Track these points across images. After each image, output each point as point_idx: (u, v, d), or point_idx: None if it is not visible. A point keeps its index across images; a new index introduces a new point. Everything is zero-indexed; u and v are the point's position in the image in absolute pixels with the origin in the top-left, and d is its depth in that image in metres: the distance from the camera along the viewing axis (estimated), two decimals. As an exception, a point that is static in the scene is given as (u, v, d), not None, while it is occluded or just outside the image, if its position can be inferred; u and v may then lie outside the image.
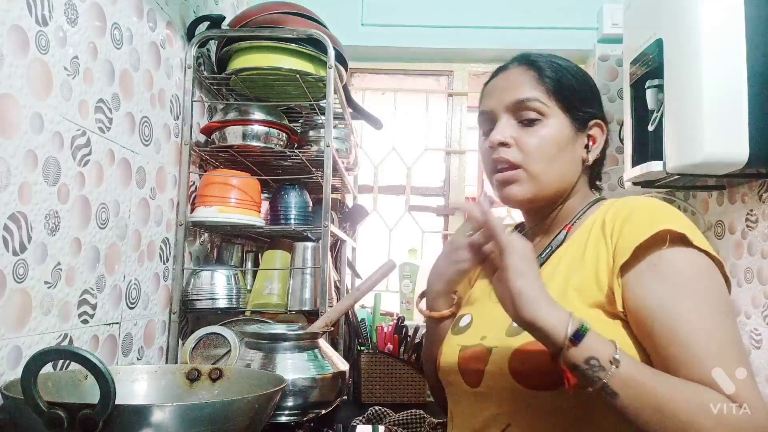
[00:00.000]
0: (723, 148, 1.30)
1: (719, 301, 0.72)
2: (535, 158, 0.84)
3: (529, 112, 0.84)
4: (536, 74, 0.86)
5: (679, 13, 1.37)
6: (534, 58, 0.89)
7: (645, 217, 0.76)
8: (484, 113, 0.89)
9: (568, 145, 0.86)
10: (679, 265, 0.73)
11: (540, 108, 0.84)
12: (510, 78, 0.88)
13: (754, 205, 1.48)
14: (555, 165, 0.85)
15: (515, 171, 0.84)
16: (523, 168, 0.84)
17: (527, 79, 0.86)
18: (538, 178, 0.84)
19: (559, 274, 0.82)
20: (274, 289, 1.54)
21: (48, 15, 0.92)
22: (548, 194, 0.86)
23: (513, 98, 0.85)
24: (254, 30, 1.44)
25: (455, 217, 2.24)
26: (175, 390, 0.88)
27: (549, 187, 0.86)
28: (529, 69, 0.87)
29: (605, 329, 0.73)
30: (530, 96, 0.85)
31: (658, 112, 1.46)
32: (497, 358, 0.80)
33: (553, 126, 0.85)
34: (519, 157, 0.84)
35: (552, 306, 0.67)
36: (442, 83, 2.34)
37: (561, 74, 0.87)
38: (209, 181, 1.48)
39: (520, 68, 0.89)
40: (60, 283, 0.97)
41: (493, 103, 0.88)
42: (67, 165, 0.98)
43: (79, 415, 0.57)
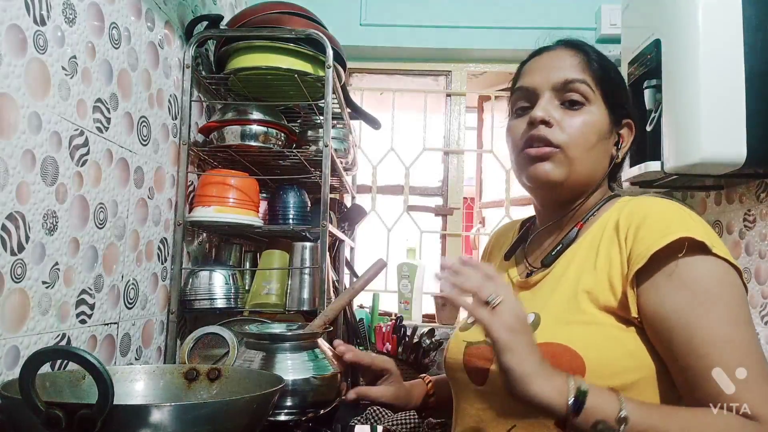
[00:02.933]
0: (721, 148, 1.30)
1: (738, 310, 0.69)
2: (576, 142, 0.80)
3: (575, 95, 0.81)
4: (585, 59, 0.84)
5: (677, 13, 1.37)
6: (579, 43, 0.87)
7: (662, 223, 0.73)
8: (523, 89, 0.85)
9: (605, 138, 0.83)
10: (697, 274, 0.70)
11: (587, 93, 0.81)
12: (557, 58, 0.85)
13: (752, 205, 1.48)
14: (591, 154, 0.82)
15: (553, 149, 0.80)
16: (562, 149, 0.80)
17: (576, 62, 0.83)
18: (573, 163, 0.81)
19: (570, 274, 0.80)
20: (273, 289, 1.54)
21: (46, 15, 0.92)
22: (578, 183, 0.83)
23: (561, 78, 0.82)
24: (253, 30, 1.44)
25: (453, 217, 2.24)
26: (174, 390, 0.87)
27: (581, 176, 0.82)
28: (577, 53, 0.85)
29: (618, 335, 0.72)
30: (580, 78, 0.82)
31: (656, 112, 1.47)
32: None
33: (596, 114, 0.82)
34: (561, 137, 0.80)
35: (544, 377, 0.65)
36: (441, 83, 2.34)
37: (606, 65, 0.85)
38: (207, 181, 1.48)
39: (567, 50, 0.85)
40: (58, 283, 0.97)
41: (537, 80, 0.84)
42: (65, 165, 0.98)
43: (77, 415, 0.57)
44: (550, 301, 0.80)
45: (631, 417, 0.63)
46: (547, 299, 0.81)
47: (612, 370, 0.71)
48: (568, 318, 0.76)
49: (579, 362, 0.72)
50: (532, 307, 0.81)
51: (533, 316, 0.79)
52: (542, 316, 0.79)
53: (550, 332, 0.76)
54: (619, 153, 0.86)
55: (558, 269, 0.83)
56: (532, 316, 0.79)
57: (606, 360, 0.72)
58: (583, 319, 0.75)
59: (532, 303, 0.82)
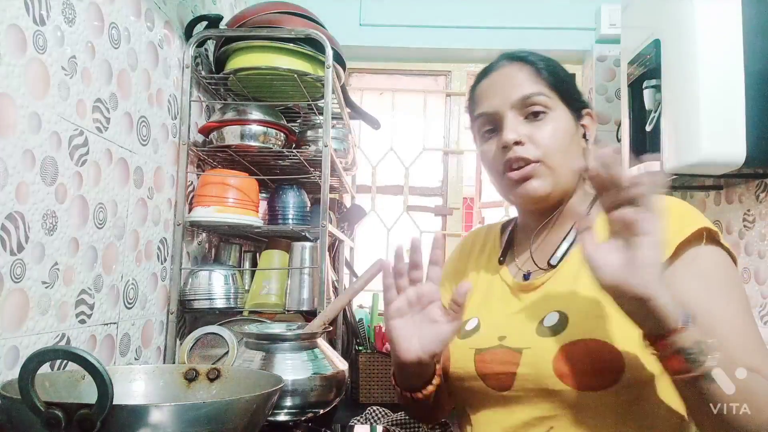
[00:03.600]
0: (720, 149, 1.30)
1: (744, 297, 0.75)
2: (552, 151, 0.83)
3: (536, 107, 0.84)
4: (533, 69, 0.86)
5: (677, 13, 1.38)
6: (522, 54, 0.89)
7: (679, 215, 0.77)
8: (485, 115, 0.87)
9: (574, 136, 0.86)
10: (714, 263, 0.75)
11: (545, 102, 0.84)
12: (507, 76, 0.87)
13: (751, 205, 1.48)
14: (568, 156, 0.84)
15: (534, 165, 0.82)
16: (541, 162, 0.83)
17: (526, 76, 0.86)
18: (556, 171, 0.83)
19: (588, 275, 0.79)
20: (272, 289, 1.54)
21: (46, 14, 0.92)
22: (564, 187, 0.85)
23: (518, 95, 0.84)
24: (252, 30, 1.44)
25: (453, 218, 2.24)
26: (173, 390, 0.87)
27: (565, 180, 0.85)
28: (523, 65, 0.87)
29: None
30: (535, 91, 0.84)
31: (655, 113, 1.47)
32: (535, 360, 0.76)
33: (559, 118, 0.85)
34: (536, 152, 0.82)
35: (666, 288, 0.63)
36: (440, 83, 2.34)
37: (553, 67, 0.88)
38: (207, 181, 1.48)
39: (513, 66, 0.88)
40: (57, 283, 0.97)
41: (495, 103, 0.86)
42: (64, 165, 0.98)
43: (76, 415, 0.57)
44: (572, 299, 0.79)
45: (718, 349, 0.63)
46: (568, 297, 0.80)
47: (645, 360, 0.72)
48: (597, 313, 0.76)
49: (617, 355, 0.72)
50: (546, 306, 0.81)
51: (557, 315, 0.78)
52: (568, 313, 0.78)
53: (582, 329, 0.75)
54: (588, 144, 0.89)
55: (568, 268, 0.83)
56: (555, 315, 0.79)
57: (640, 351, 0.72)
58: (611, 312, 0.74)
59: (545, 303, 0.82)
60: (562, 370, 0.74)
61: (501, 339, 0.81)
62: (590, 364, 0.73)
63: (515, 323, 0.82)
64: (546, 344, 0.76)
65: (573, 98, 0.87)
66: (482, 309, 0.90)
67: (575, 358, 0.74)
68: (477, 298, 0.93)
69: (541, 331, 0.78)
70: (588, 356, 0.73)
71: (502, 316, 0.86)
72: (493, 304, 0.90)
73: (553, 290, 0.83)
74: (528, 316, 0.82)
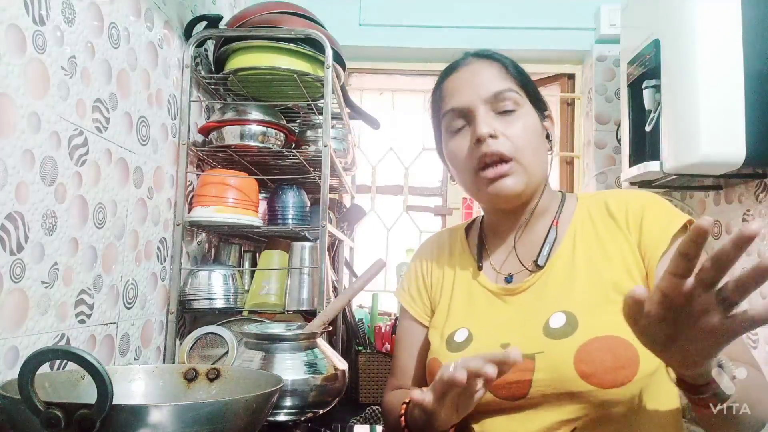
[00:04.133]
0: (720, 149, 1.30)
1: None
2: (524, 148, 0.83)
3: (507, 103, 0.84)
4: (501, 66, 0.87)
5: (677, 14, 1.38)
6: (489, 52, 0.90)
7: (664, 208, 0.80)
8: (456, 110, 0.86)
9: (541, 134, 0.87)
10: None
11: (516, 98, 0.84)
12: (477, 73, 0.87)
13: (751, 205, 1.48)
14: (538, 154, 0.85)
15: (509, 164, 0.82)
16: (515, 160, 0.82)
17: (496, 72, 0.86)
18: (528, 169, 0.83)
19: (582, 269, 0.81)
20: (272, 289, 1.54)
21: (45, 14, 0.92)
22: (534, 186, 0.86)
23: (490, 90, 0.84)
24: (252, 30, 1.44)
25: (452, 217, 2.24)
26: (173, 390, 0.87)
27: (536, 179, 0.85)
28: (492, 63, 0.87)
29: None
30: (506, 87, 0.84)
31: (655, 113, 1.47)
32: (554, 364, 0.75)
33: (528, 115, 0.85)
34: (510, 148, 0.82)
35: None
36: (440, 83, 2.34)
37: (518, 67, 0.89)
38: (207, 181, 1.48)
39: (482, 62, 0.88)
40: (57, 283, 0.97)
41: (466, 98, 0.85)
42: (64, 165, 0.98)
43: (76, 414, 0.57)
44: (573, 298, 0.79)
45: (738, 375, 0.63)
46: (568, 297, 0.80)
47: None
48: (603, 308, 0.76)
49: (633, 350, 0.73)
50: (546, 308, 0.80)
51: (563, 315, 0.77)
52: (575, 312, 0.77)
53: (593, 326, 0.75)
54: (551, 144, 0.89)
55: (557, 268, 0.83)
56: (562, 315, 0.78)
57: None
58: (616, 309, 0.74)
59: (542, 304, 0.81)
60: (585, 370, 0.73)
61: (504, 346, 0.79)
62: (612, 360, 0.72)
63: (515, 328, 0.81)
64: (561, 346, 0.75)
65: (537, 98, 0.89)
66: (469, 318, 0.88)
67: (595, 357, 0.73)
68: (460, 307, 0.90)
69: (550, 333, 0.77)
70: (608, 353, 0.73)
71: (495, 323, 0.84)
72: (479, 311, 0.87)
73: (548, 291, 0.82)
74: (528, 320, 0.81)
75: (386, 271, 2.16)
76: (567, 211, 0.89)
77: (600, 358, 0.73)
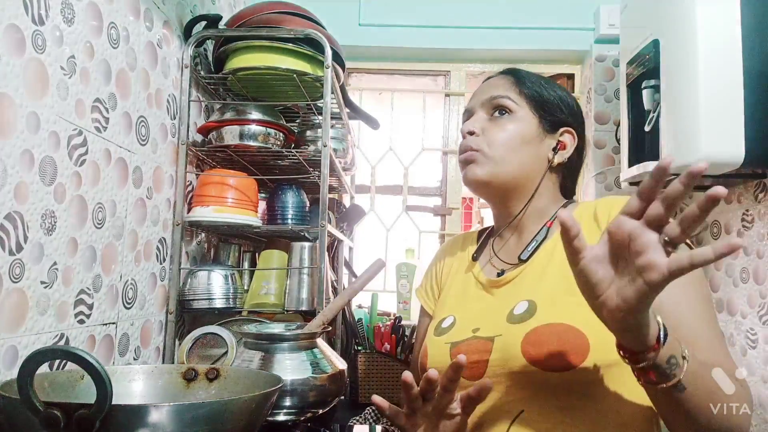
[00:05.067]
0: (719, 149, 1.30)
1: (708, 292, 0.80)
2: (495, 145, 0.94)
3: (499, 107, 0.96)
4: (513, 79, 0.99)
5: (676, 13, 1.38)
6: (517, 69, 1.02)
7: None
8: (465, 112, 1.03)
9: (533, 141, 0.95)
10: None
11: (509, 104, 0.95)
12: (491, 84, 1.01)
13: (750, 205, 1.48)
14: (516, 154, 0.93)
15: (474, 152, 0.94)
16: (482, 151, 0.94)
17: (503, 83, 0.99)
18: (494, 161, 0.93)
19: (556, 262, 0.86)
20: (271, 289, 1.54)
21: (44, 14, 0.92)
22: (507, 179, 0.94)
23: (487, 95, 0.98)
24: (251, 30, 1.44)
25: (452, 217, 2.24)
26: (172, 390, 0.87)
27: (506, 172, 0.93)
28: (508, 76, 1.00)
29: None
30: (501, 93, 0.97)
31: (654, 113, 1.47)
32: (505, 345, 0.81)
33: (520, 121, 0.95)
34: (482, 144, 0.94)
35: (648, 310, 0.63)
36: (440, 83, 2.34)
37: (537, 84, 0.98)
38: (206, 181, 1.48)
39: (503, 76, 1.01)
40: (56, 283, 0.97)
41: (472, 102, 1.01)
42: (63, 165, 0.98)
43: (75, 415, 0.57)
44: (540, 289, 0.85)
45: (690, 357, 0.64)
46: (536, 287, 0.86)
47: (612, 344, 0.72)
48: (564, 299, 0.81)
49: (583, 339, 0.77)
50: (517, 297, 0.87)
51: (526, 303, 0.84)
52: (537, 301, 0.83)
53: (549, 314, 0.80)
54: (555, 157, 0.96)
55: (537, 262, 0.89)
56: (525, 303, 0.84)
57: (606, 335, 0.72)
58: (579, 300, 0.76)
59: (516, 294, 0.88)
60: (530, 353, 0.78)
61: (475, 331, 0.87)
62: (556, 345, 0.76)
63: (489, 314, 0.88)
64: (516, 330, 0.81)
65: (548, 112, 0.96)
66: (457, 307, 0.97)
67: (542, 341, 0.78)
68: (453, 298, 1.00)
69: (512, 318, 0.83)
70: (554, 338, 0.77)
71: (475, 311, 0.92)
72: (468, 301, 0.96)
73: (523, 283, 0.89)
74: (499, 307, 0.88)
75: (385, 271, 2.16)
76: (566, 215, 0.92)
77: (547, 341, 0.77)
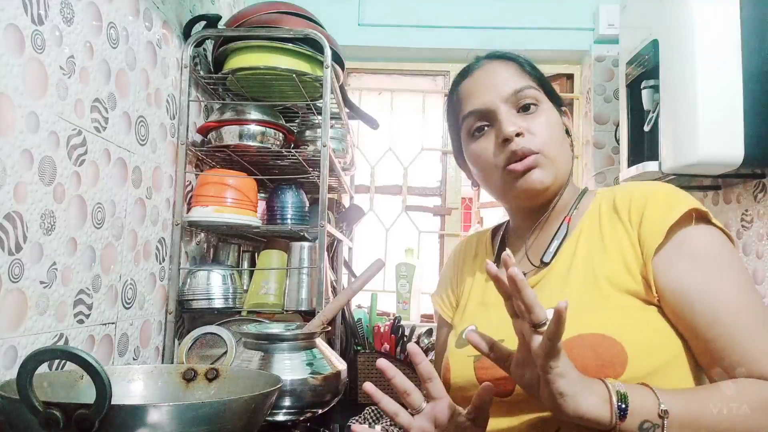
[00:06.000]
0: (718, 149, 1.30)
1: (747, 276, 0.73)
2: (550, 143, 0.83)
3: (527, 100, 0.84)
4: (517, 65, 0.87)
5: (675, 14, 1.38)
6: (503, 53, 0.90)
7: (666, 199, 0.76)
8: (477, 112, 0.86)
9: (563, 131, 0.87)
10: (706, 243, 0.74)
11: (535, 95, 0.84)
12: (494, 73, 0.87)
13: (749, 205, 1.49)
14: (563, 149, 0.85)
15: (535, 156, 0.81)
16: (542, 153, 0.82)
17: (513, 71, 0.86)
18: (555, 162, 0.83)
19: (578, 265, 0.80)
20: (271, 289, 1.54)
21: (44, 14, 0.92)
22: (561, 180, 0.85)
23: (510, 89, 0.84)
24: (251, 30, 1.44)
25: (451, 217, 2.24)
26: (172, 390, 0.87)
27: (562, 173, 0.84)
28: (507, 62, 0.87)
29: (644, 316, 0.73)
30: (525, 85, 0.84)
31: (653, 113, 1.47)
32: None
33: (550, 111, 0.86)
34: (537, 142, 0.82)
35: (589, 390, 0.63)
36: (439, 83, 2.34)
37: (532, 65, 0.89)
38: (205, 181, 1.48)
39: (497, 63, 0.88)
40: (56, 283, 0.97)
41: (487, 99, 0.85)
42: (62, 164, 0.98)
43: (75, 414, 0.57)
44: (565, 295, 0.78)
45: (671, 407, 0.63)
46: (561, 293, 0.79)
47: (650, 352, 0.71)
48: (595, 306, 0.75)
49: (619, 348, 0.71)
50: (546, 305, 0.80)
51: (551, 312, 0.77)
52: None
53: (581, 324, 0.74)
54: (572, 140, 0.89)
55: (560, 264, 0.82)
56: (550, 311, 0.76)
57: (642, 341, 0.71)
58: (610, 305, 0.74)
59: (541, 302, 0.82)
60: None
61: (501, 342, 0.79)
62: (593, 358, 0.71)
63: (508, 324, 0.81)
64: None
65: (554, 94, 0.89)
66: (478, 316, 0.89)
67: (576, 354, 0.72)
68: (473, 306, 0.92)
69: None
70: (590, 350, 0.71)
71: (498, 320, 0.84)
72: (489, 309, 0.88)
73: (547, 288, 0.82)
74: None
75: (385, 271, 2.16)
76: (582, 207, 0.87)
77: (581, 356, 0.71)
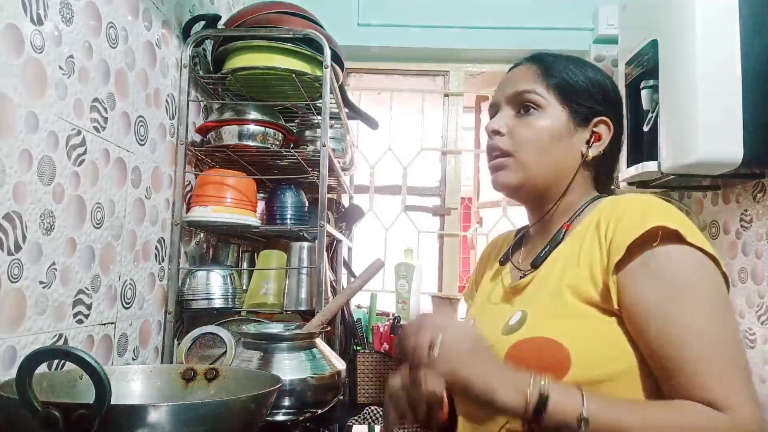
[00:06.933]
0: (718, 149, 1.30)
1: (713, 299, 0.70)
2: (526, 147, 0.85)
3: (526, 102, 0.87)
4: (539, 69, 0.89)
5: (674, 14, 1.38)
6: (542, 56, 0.92)
7: (638, 215, 0.74)
8: (491, 106, 0.93)
9: (564, 137, 0.86)
10: (671, 263, 0.71)
11: (536, 99, 0.86)
12: (516, 73, 0.92)
13: (749, 205, 1.49)
14: (548, 155, 0.85)
15: (504, 158, 0.86)
16: (513, 156, 0.86)
17: (529, 74, 0.89)
18: (526, 166, 0.85)
19: (555, 271, 0.82)
20: (270, 289, 1.54)
21: (43, 14, 0.92)
22: (540, 183, 0.86)
23: (512, 90, 0.88)
24: (250, 29, 1.44)
25: (451, 217, 2.24)
26: (171, 390, 0.87)
27: (540, 176, 0.86)
28: (533, 65, 0.90)
29: (601, 327, 0.74)
30: (528, 88, 0.87)
31: (653, 113, 1.47)
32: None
33: (550, 117, 0.86)
34: (510, 145, 0.86)
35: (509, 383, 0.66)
36: (439, 83, 2.34)
37: (565, 70, 0.88)
38: (205, 181, 1.48)
39: (526, 64, 0.92)
40: (55, 283, 0.97)
41: (497, 96, 0.91)
42: (62, 164, 0.98)
43: (74, 415, 0.57)
44: (536, 299, 0.82)
45: (592, 416, 0.64)
46: (534, 297, 0.83)
47: (596, 361, 0.72)
48: (553, 312, 0.78)
49: (564, 354, 0.73)
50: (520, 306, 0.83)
51: (520, 313, 0.81)
52: (529, 312, 0.80)
53: (536, 327, 0.78)
54: (590, 151, 0.87)
55: (545, 269, 0.84)
56: (519, 313, 0.81)
57: (590, 351, 0.72)
58: (567, 312, 0.76)
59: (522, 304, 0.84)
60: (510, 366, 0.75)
61: None
62: (536, 359, 0.73)
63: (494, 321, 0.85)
64: (503, 342, 0.79)
65: (579, 103, 0.87)
66: (477, 312, 0.94)
67: (522, 355, 0.75)
68: (478, 302, 0.96)
69: (506, 329, 0.81)
70: (535, 352, 0.74)
71: (488, 315, 0.90)
72: (489, 305, 0.92)
73: (528, 290, 0.85)
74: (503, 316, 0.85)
75: (384, 271, 2.16)
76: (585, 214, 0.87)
77: (526, 356, 0.74)
